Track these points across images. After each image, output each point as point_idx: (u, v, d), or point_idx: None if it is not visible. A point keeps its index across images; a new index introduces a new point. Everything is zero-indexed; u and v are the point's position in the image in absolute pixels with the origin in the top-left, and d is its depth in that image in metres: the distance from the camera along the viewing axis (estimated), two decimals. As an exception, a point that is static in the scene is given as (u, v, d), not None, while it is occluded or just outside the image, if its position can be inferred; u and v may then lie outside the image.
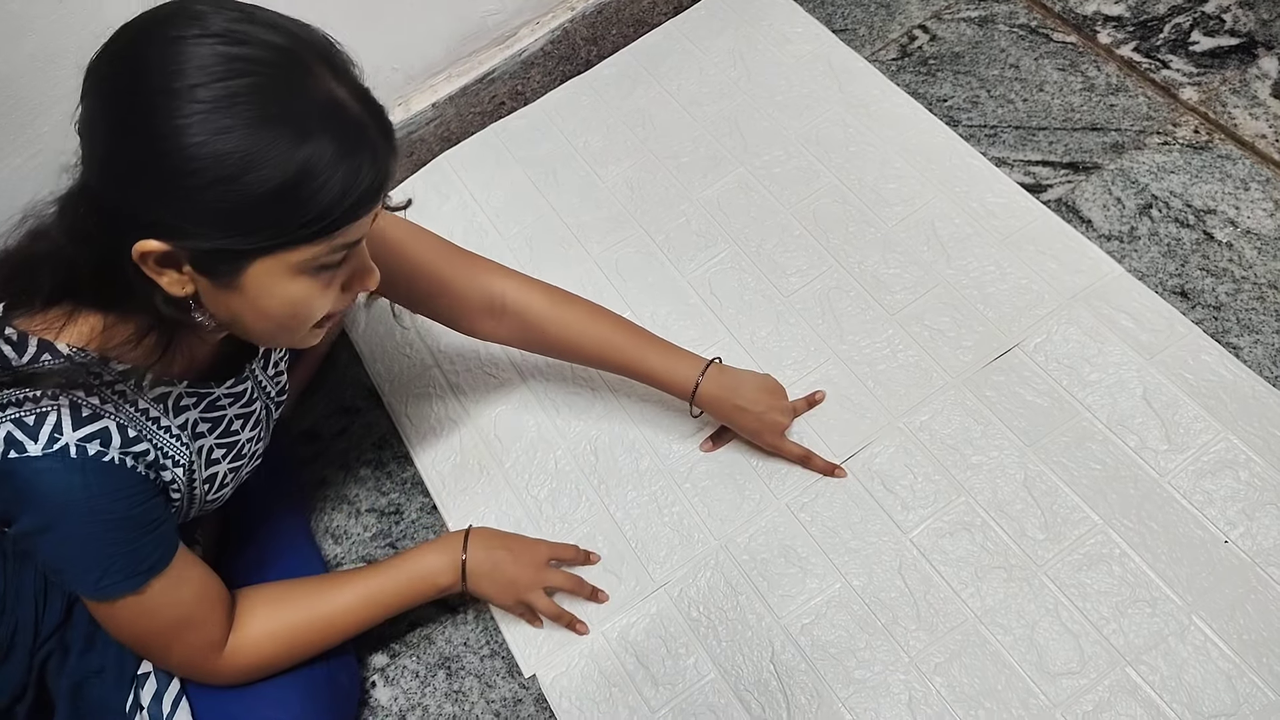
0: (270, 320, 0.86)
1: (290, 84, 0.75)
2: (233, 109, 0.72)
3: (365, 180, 0.79)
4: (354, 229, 0.82)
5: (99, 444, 0.89)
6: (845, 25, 1.73)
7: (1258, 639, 1.11)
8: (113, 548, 0.92)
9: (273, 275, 0.81)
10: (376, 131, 0.80)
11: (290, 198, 0.75)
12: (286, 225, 0.77)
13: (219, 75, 0.72)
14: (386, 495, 1.44)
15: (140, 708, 1.07)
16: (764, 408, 1.27)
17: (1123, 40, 1.59)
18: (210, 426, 1.04)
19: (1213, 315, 1.32)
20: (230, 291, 0.82)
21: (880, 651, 1.19)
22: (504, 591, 1.21)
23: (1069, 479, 1.24)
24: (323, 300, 0.86)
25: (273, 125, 0.73)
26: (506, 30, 1.72)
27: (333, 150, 0.75)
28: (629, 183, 1.63)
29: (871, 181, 1.53)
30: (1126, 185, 1.45)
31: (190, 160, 0.72)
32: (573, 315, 1.27)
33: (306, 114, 0.75)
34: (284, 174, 0.74)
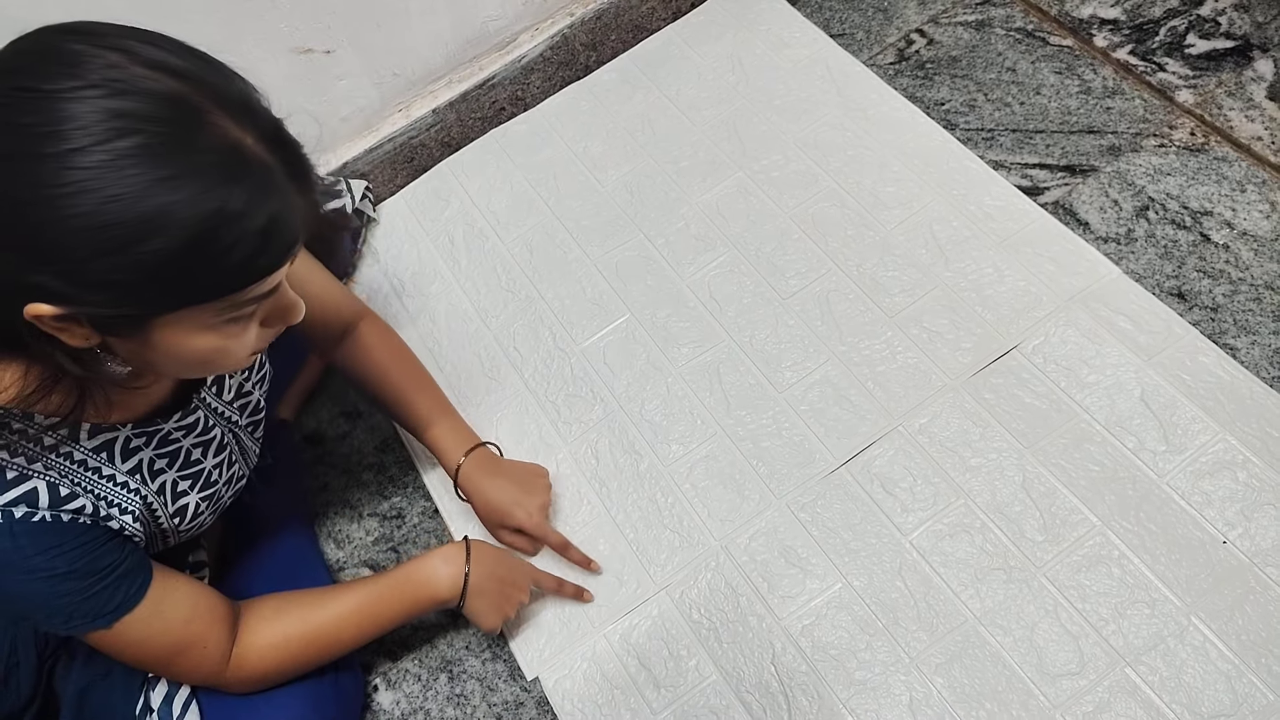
0: (188, 367, 0.82)
1: (183, 138, 0.67)
2: (118, 174, 0.64)
3: (277, 234, 0.72)
4: (267, 281, 0.76)
5: (25, 506, 0.83)
6: (843, 30, 1.74)
7: (1257, 640, 1.12)
8: (68, 598, 0.88)
9: (180, 332, 0.75)
10: (285, 175, 0.73)
11: (188, 262, 0.69)
12: (185, 290, 0.72)
13: (100, 137, 0.64)
14: (389, 499, 1.45)
15: (150, 710, 1.07)
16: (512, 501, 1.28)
17: (1119, 43, 1.60)
18: (169, 461, 0.99)
19: (1210, 316, 1.32)
20: (139, 345, 0.76)
21: (881, 653, 1.19)
22: (494, 611, 1.20)
23: (1067, 480, 1.24)
24: (240, 344, 0.81)
25: (165, 189, 0.66)
26: (507, 36, 1.72)
27: (237, 208, 0.68)
28: (629, 187, 1.64)
29: (870, 185, 1.54)
30: (1123, 188, 1.45)
31: (75, 232, 0.65)
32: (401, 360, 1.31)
33: (203, 171, 0.67)
34: (182, 239, 0.67)
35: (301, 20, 1.46)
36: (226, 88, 0.71)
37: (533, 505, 1.29)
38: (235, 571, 1.26)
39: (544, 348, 1.51)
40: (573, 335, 1.51)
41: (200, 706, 1.08)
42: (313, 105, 1.57)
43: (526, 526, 1.27)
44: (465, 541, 1.19)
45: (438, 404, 1.32)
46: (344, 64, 1.55)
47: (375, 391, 1.31)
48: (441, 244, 1.66)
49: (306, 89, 1.54)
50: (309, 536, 1.38)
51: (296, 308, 0.85)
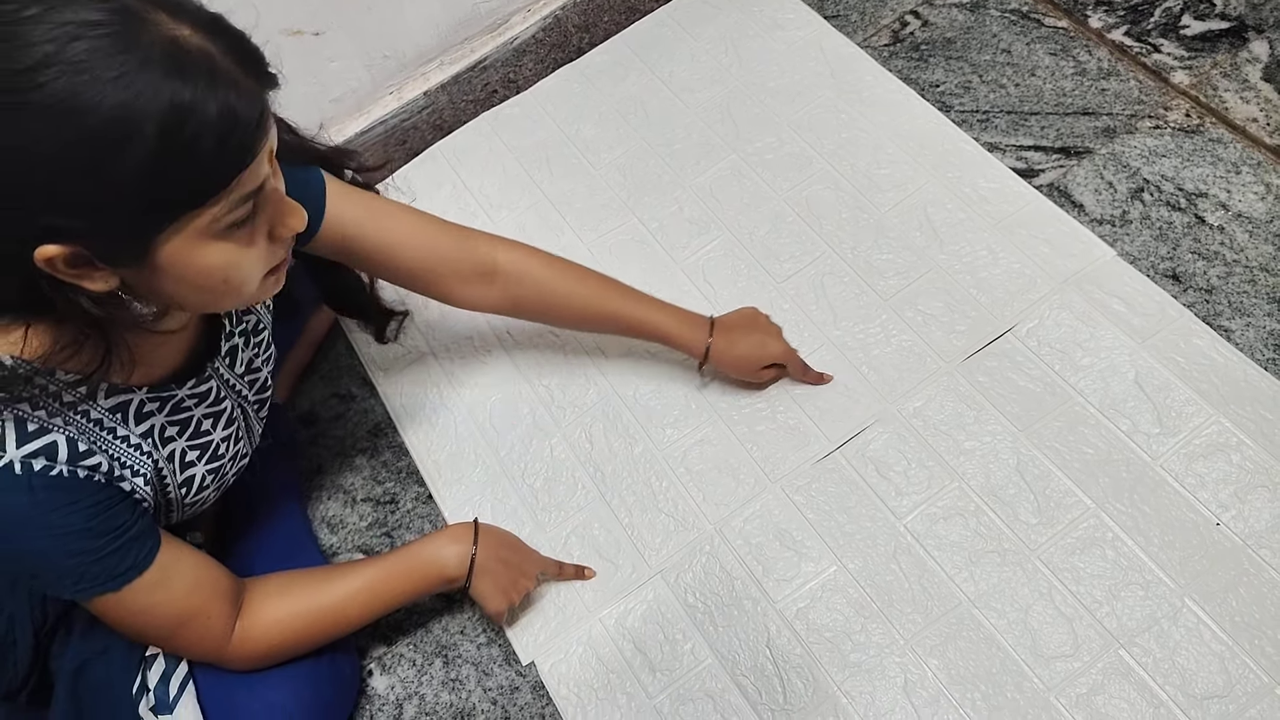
0: (205, 291, 0.82)
1: (125, 39, 0.67)
2: (72, 84, 0.66)
3: (235, 120, 0.72)
4: (247, 177, 0.75)
5: (44, 459, 0.85)
6: (837, 11, 1.73)
7: (1250, 621, 1.12)
8: (79, 557, 0.89)
9: (185, 249, 0.76)
10: (234, 62, 0.73)
11: (162, 162, 0.69)
12: (170, 194, 0.72)
13: (46, 55, 0.65)
14: (382, 484, 1.44)
15: (146, 689, 1.07)
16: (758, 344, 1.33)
17: (1114, 24, 1.59)
18: (179, 429, 1.00)
19: (1204, 299, 1.32)
20: (152, 274, 0.77)
21: (875, 635, 1.20)
22: (499, 594, 1.20)
23: (1061, 463, 1.25)
24: (249, 258, 0.81)
25: (117, 89, 0.66)
26: (499, 17, 1.72)
27: (189, 97, 0.69)
28: (622, 170, 1.63)
29: (864, 167, 1.53)
30: (1118, 169, 1.45)
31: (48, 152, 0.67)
32: (571, 277, 1.28)
33: (148, 67, 0.68)
34: (147, 139, 0.68)
35: (292, 1, 1.45)
36: None
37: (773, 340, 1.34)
38: (231, 555, 1.25)
39: (537, 331, 1.50)
40: (566, 319, 1.51)
41: (197, 686, 1.08)
42: (304, 88, 1.57)
43: (780, 357, 1.33)
44: (474, 523, 1.19)
45: (640, 302, 1.30)
46: (334, 46, 1.54)
47: (559, 319, 1.33)
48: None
49: (297, 71, 1.52)
50: (303, 521, 1.38)
51: (297, 213, 0.85)
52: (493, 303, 1.28)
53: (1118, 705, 1.10)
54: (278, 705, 1.09)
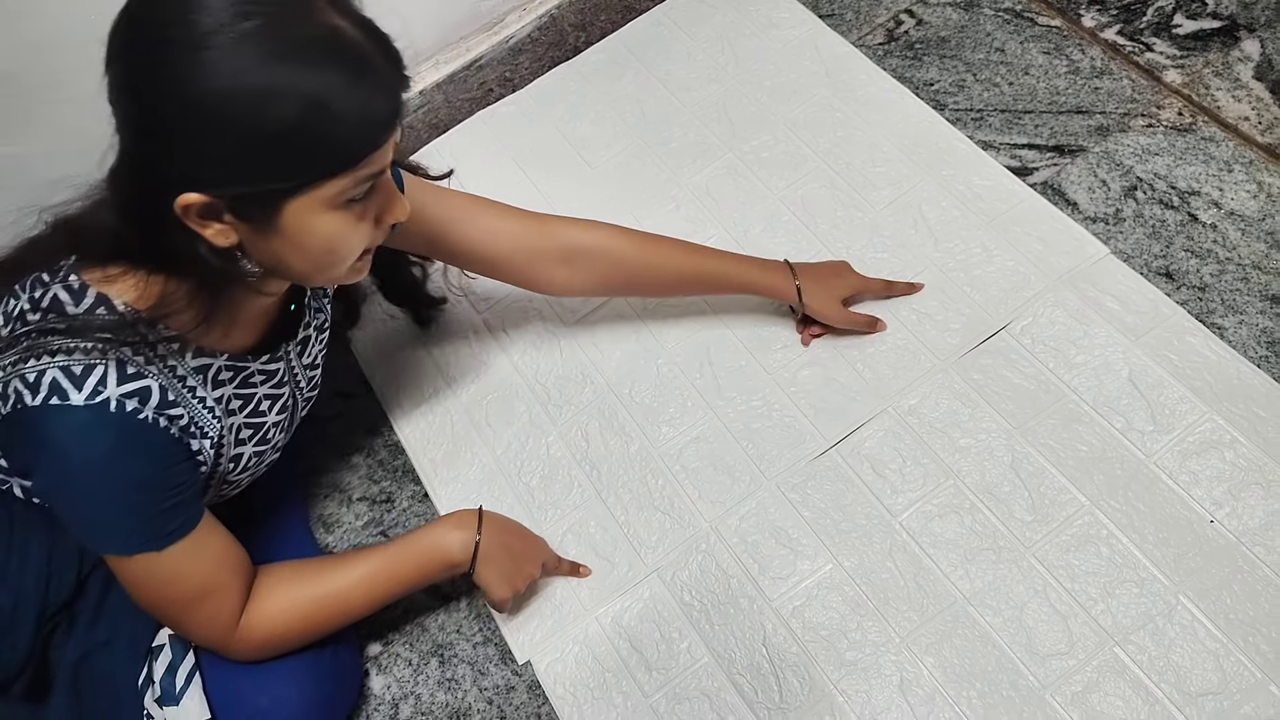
0: (311, 258, 0.90)
1: (292, 20, 0.78)
2: (242, 51, 0.75)
3: (376, 106, 0.82)
4: (376, 158, 0.85)
5: (138, 401, 0.90)
6: (832, 10, 1.73)
7: (1244, 618, 1.12)
8: (136, 510, 0.93)
9: (308, 213, 0.85)
10: (382, 58, 0.83)
11: (309, 134, 0.79)
12: (310, 161, 0.82)
13: (225, 21, 0.75)
14: (378, 483, 1.45)
15: (152, 681, 1.08)
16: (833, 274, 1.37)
17: (1107, 23, 1.60)
18: (241, 404, 1.06)
19: (1197, 296, 1.33)
20: (271, 235, 0.86)
21: (871, 633, 1.20)
22: (503, 581, 1.20)
23: (1056, 461, 1.25)
24: (357, 234, 0.90)
25: (281, 62, 0.77)
26: (495, 16, 1.72)
27: (341, 80, 0.79)
28: (618, 168, 1.64)
29: (859, 166, 1.54)
30: (1111, 168, 1.45)
31: (212, 107, 0.76)
32: (651, 248, 1.31)
33: (311, 47, 0.78)
34: (300, 107, 0.77)
35: None
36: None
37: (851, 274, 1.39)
38: None
39: (533, 329, 1.51)
40: (561, 317, 1.51)
41: (203, 677, 1.09)
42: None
43: (860, 288, 1.39)
44: (478, 510, 1.20)
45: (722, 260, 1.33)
46: (330, 45, 1.54)
47: (647, 289, 1.39)
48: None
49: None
50: (303, 519, 1.38)
51: (402, 203, 0.94)
52: (580, 284, 1.32)
53: (1113, 703, 1.11)
54: (283, 698, 1.10)
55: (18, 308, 0.92)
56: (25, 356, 0.89)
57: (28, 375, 0.88)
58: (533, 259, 1.28)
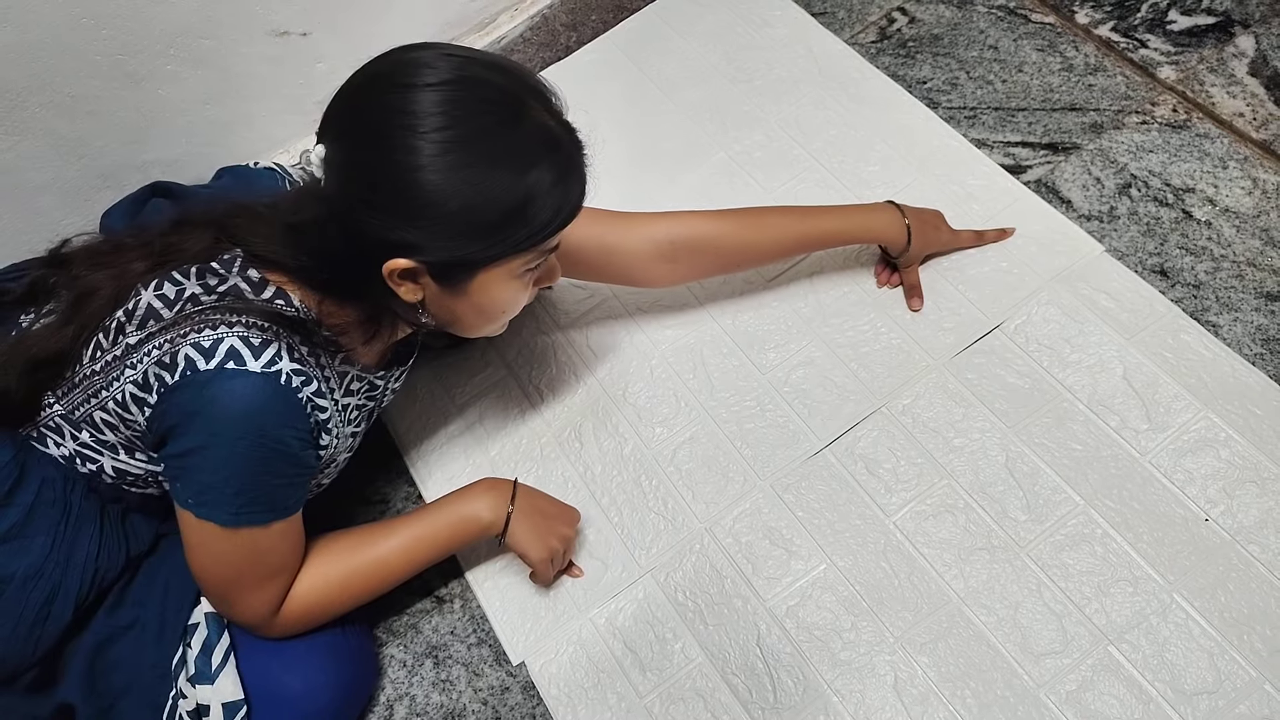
0: (485, 317, 1.04)
1: (511, 122, 0.89)
2: (466, 148, 0.87)
3: (574, 198, 0.96)
4: (557, 238, 0.98)
5: (301, 381, 0.98)
6: (824, 8, 1.73)
7: (1239, 616, 1.12)
8: (265, 479, 0.99)
9: (496, 280, 0.97)
10: (578, 154, 0.95)
11: (517, 218, 0.91)
12: (513, 240, 0.93)
13: (453, 119, 0.87)
14: (372, 484, 1.44)
15: (185, 662, 1.09)
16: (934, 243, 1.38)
17: (1100, 20, 1.59)
18: (357, 415, 1.14)
19: (1192, 294, 1.33)
20: (457, 296, 0.97)
21: (865, 633, 1.20)
22: (537, 541, 1.21)
23: (1050, 460, 1.25)
24: (523, 297, 1.03)
25: (501, 160, 0.88)
26: (486, 16, 1.71)
27: (551, 177, 0.91)
28: (611, 169, 1.61)
29: (852, 164, 1.53)
30: (1105, 165, 1.45)
31: (437, 194, 0.87)
32: (745, 226, 1.32)
33: (527, 147, 0.90)
34: (513, 200, 0.90)
35: (278, 2, 1.45)
36: (540, 87, 0.95)
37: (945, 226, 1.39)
38: None
39: (526, 330, 1.50)
40: (555, 318, 1.50)
41: (237, 658, 1.11)
42: (291, 89, 1.56)
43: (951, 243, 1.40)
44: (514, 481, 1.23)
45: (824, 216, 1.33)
46: (321, 46, 1.54)
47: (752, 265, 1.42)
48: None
49: (284, 72, 1.53)
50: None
51: (557, 270, 1.08)
52: (681, 276, 1.36)
53: (1107, 702, 1.10)
54: (313, 680, 1.13)
55: (187, 291, 0.99)
56: (200, 326, 0.95)
57: (203, 342, 0.94)
58: (631, 262, 1.30)
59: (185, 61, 1.42)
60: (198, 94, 1.47)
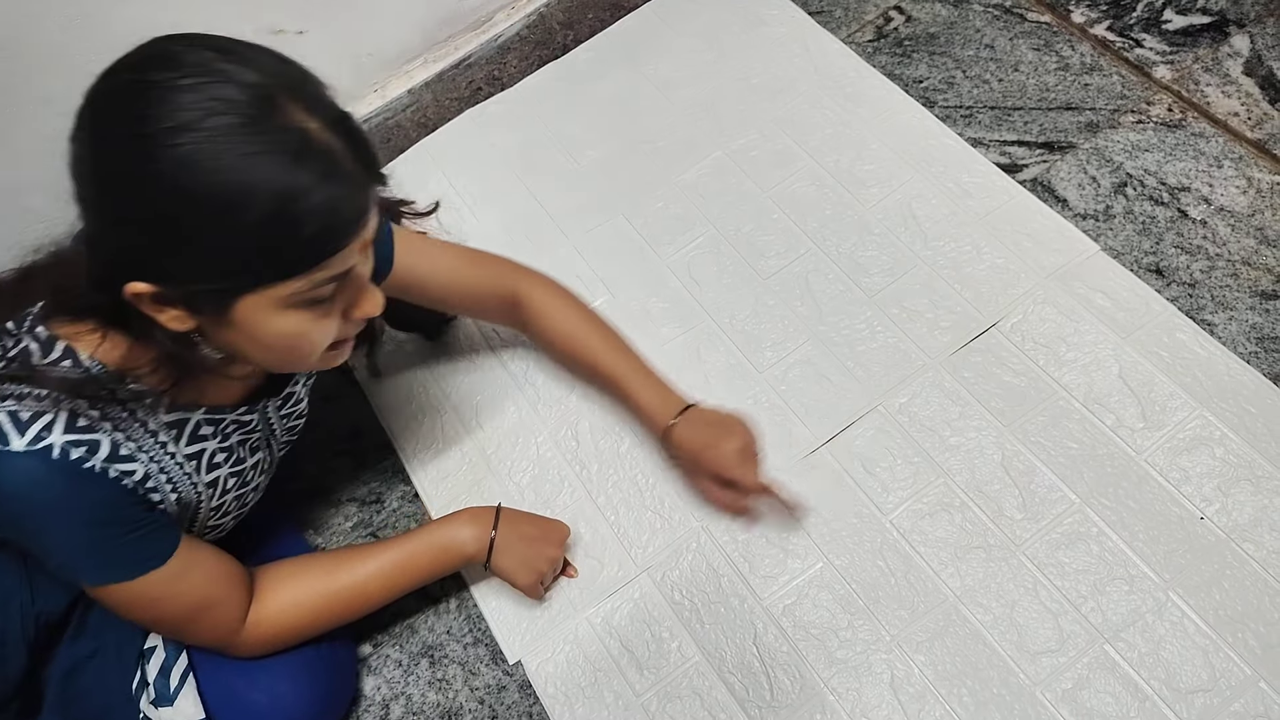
0: (271, 352, 0.88)
1: (259, 123, 0.75)
2: (201, 153, 0.73)
3: (340, 212, 0.79)
4: (337, 261, 0.82)
5: (84, 451, 0.88)
6: (821, 7, 1.73)
7: (1234, 614, 1.12)
8: (97, 548, 0.92)
9: (261, 311, 0.82)
10: (352, 161, 0.80)
11: (263, 234, 0.76)
12: (262, 263, 0.79)
13: (188, 121, 0.73)
14: (367, 484, 1.44)
15: (146, 683, 1.08)
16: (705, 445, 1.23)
17: (1096, 19, 1.59)
18: (225, 456, 1.05)
19: (1187, 293, 1.33)
20: (225, 327, 0.84)
21: (862, 631, 1.20)
22: (523, 568, 1.22)
23: (1046, 458, 1.25)
24: (320, 331, 0.87)
25: (242, 166, 0.74)
26: (482, 15, 1.71)
27: (304, 185, 0.76)
28: (606, 167, 1.63)
29: (848, 163, 1.53)
30: (1101, 164, 1.45)
31: (164, 204, 0.74)
32: (575, 321, 1.30)
33: (276, 151, 0.75)
34: (257, 212, 0.75)
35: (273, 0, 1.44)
36: (301, 84, 0.80)
37: (730, 450, 1.21)
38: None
39: (523, 329, 1.50)
40: (552, 317, 1.50)
41: (197, 677, 1.09)
42: (286, 87, 1.56)
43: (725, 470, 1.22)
44: (497, 507, 1.22)
45: (630, 363, 1.30)
46: (317, 44, 1.54)
47: (560, 359, 1.38)
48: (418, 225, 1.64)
49: (280, 70, 1.53)
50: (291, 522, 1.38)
51: (374, 299, 0.91)
52: (519, 328, 1.36)
53: (1103, 700, 1.11)
54: (280, 693, 1.11)
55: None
56: None
57: None
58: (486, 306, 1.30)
59: (180, 59, 1.42)
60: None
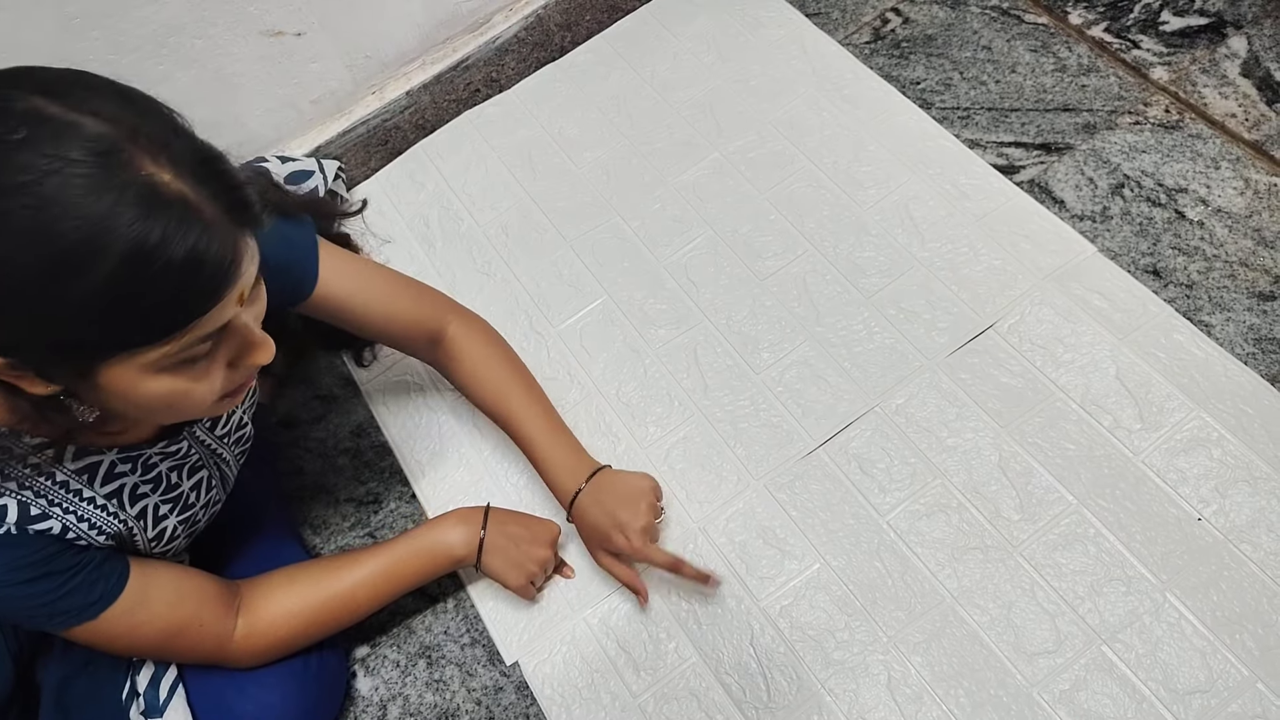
0: (150, 413, 0.81)
1: (100, 177, 0.66)
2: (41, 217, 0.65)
3: (203, 267, 0.70)
4: (208, 320, 0.73)
5: None
6: (818, 9, 1.73)
7: (1231, 615, 1.12)
8: (45, 597, 0.90)
9: (129, 378, 0.74)
10: (215, 208, 0.71)
11: (116, 299, 0.68)
12: (119, 330, 0.70)
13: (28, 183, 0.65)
14: (365, 484, 1.44)
15: (136, 694, 1.07)
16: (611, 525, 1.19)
17: (1093, 21, 1.59)
18: (152, 486, 0.99)
19: (1185, 294, 1.33)
20: (94, 391, 0.75)
21: (859, 632, 1.20)
22: (513, 569, 1.22)
23: (1043, 459, 1.25)
24: (201, 389, 0.79)
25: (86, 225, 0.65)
26: (480, 17, 1.71)
27: (156, 239, 0.67)
28: (604, 169, 1.63)
29: (845, 165, 1.53)
30: (1098, 165, 1.45)
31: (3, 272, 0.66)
32: (496, 367, 1.26)
33: (120, 206, 0.66)
34: (103, 275, 0.66)
35: (272, 2, 1.44)
36: (146, 127, 0.70)
37: (633, 528, 1.18)
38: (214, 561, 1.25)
39: (520, 330, 1.50)
40: (549, 317, 1.50)
41: (186, 688, 1.09)
42: (284, 89, 1.56)
43: (625, 549, 1.19)
44: (485, 507, 1.23)
45: (542, 422, 1.25)
46: (315, 46, 1.54)
47: (476, 404, 1.29)
48: (416, 226, 1.65)
49: (277, 72, 1.53)
50: (287, 523, 1.37)
51: (263, 349, 0.83)
52: (438, 367, 1.30)
53: (1100, 701, 1.10)
54: (268, 704, 1.10)
55: None
56: None
57: None
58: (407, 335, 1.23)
59: (177, 62, 1.42)
60: (189, 94, 1.46)
